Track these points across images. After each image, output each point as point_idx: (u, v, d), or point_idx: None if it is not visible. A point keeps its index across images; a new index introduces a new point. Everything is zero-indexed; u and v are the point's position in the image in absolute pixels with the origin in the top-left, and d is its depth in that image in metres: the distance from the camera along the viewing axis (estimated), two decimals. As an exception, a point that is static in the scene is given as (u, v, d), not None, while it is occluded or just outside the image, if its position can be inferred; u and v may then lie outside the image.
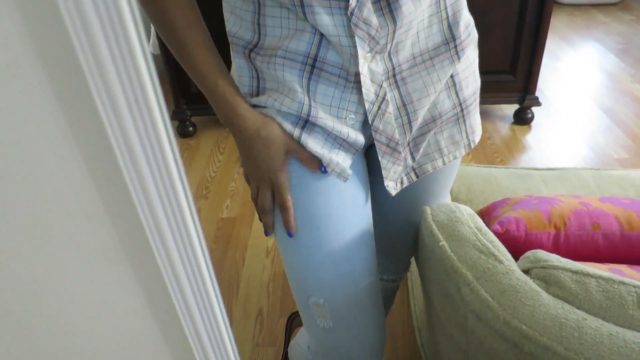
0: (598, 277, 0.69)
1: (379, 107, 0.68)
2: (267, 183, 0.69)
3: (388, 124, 0.69)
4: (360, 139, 0.70)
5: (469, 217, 0.80)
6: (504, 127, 2.55)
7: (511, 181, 1.45)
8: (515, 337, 0.67)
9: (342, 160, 0.71)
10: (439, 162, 0.78)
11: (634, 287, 0.67)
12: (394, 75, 0.68)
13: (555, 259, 0.73)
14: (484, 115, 2.65)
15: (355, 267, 0.74)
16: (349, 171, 0.71)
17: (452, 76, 0.73)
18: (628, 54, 3.40)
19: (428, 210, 0.84)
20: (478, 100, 0.81)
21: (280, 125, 0.68)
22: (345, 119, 0.69)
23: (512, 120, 2.59)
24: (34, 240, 0.38)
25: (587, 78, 3.07)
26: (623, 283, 0.68)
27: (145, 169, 0.34)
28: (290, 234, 0.71)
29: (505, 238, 1.04)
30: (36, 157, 0.34)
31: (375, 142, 0.71)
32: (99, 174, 0.35)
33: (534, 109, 2.57)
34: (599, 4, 4.40)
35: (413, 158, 0.76)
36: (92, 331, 0.43)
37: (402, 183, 0.78)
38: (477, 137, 0.81)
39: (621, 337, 0.62)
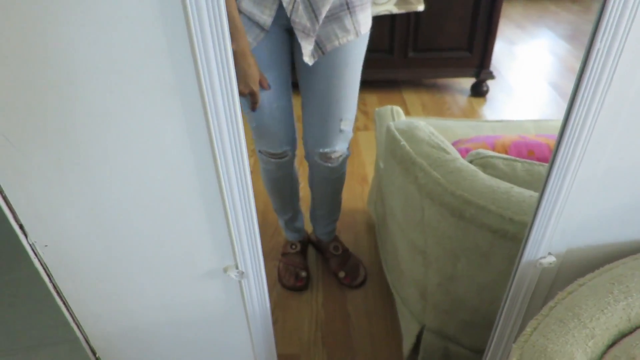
0: (523, 162, 0.89)
1: (293, 6, 1.06)
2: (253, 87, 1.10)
3: (302, 17, 1.07)
4: (268, 22, 1.08)
5: (424, 126, 0.99)
6: (462, 99, 2.78)
7: (464, 130, 1.65)
8: (459, 204, 0.85)
9: (256, 35, 1.10)
10: (335, 43, 1.14)
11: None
12: None
13: (492, 153, 0.92)
14: (444, 89, 2.88)
15: (272, 106, 1.22)
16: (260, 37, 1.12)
17: None
18: (575, 39, 3.70)
19: (391, 124, 1.02)
20: (365, 6, 1.15)
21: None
22: (264, 9, 1.07)
23: (469, 93, 2.82)
24: (118, 71, 0.54)
25: (538, 59, 3.34)
26: (542, 165, 0.88)
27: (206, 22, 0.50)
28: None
29: (457, 161, 1.23)
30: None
31: (295, 30, 1.09)
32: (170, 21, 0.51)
33: (490, 84, 2.81)
34: (550, -5, 4.73)
35: (318, 38, 1.13)
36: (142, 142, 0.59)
37: (314, 57, 1.14)
38: (362, 29, 1.16)
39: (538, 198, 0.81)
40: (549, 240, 0.73)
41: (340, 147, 1.32)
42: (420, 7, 2.43)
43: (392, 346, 1.47)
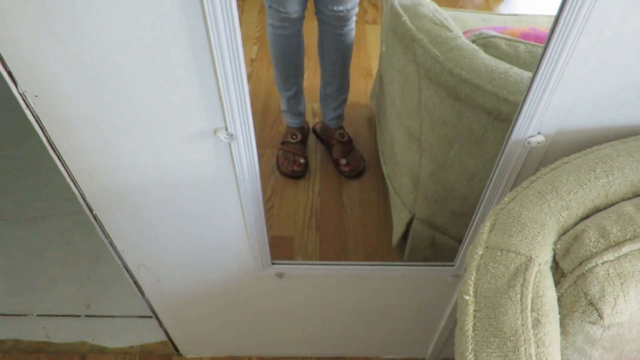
0: (527, 43, 0.86)
1: None
2: None
3: None
4: None
5: (429, 3, 0.94)
6: (480, -2, 2.64)
7: (475, 22, 1.58)
8: (455, 83, 0.84)
9: None
10: None
11: (554, 50, 0.84)
12: None
13: (495, 33, 0.89)
14: (461, -14, 2.73)
15: None
16: None
17: None
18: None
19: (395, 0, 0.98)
20: None
21: None
22: None
23: (488, -9, 2.67)
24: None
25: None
26: (546, 48, 0.85)
27: None
28: None
29: (462, 50, 1.20)
30: None
31: None
32: None
33: (510, -18, 2.65)
34: None
35: None
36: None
37: None
38: None
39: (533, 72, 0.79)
40: (540, 119, 0.72)
41: (352, 6, 1.39)
42: None
43: (383, 235, 1.53)
